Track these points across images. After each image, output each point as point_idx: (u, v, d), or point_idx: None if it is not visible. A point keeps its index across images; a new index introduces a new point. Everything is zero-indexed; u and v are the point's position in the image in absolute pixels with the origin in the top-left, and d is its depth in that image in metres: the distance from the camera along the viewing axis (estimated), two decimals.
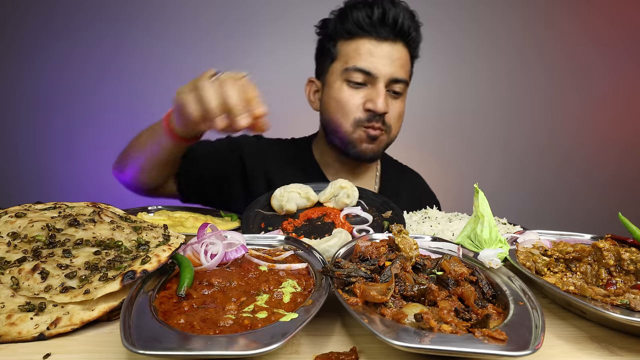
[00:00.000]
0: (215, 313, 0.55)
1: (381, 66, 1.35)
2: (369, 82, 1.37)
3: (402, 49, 1.40)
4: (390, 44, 1.37)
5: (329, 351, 0.54)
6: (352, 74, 1.36)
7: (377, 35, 1.35)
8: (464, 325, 0.53)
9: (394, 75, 1.37)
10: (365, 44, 1.36)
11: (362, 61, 1.35)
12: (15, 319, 0.56)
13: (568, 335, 0.62)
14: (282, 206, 1.15)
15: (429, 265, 0.72)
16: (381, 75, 1.35)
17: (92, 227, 0.74)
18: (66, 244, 0.69)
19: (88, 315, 0.58)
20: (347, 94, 1.38)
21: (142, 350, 0.44)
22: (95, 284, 0.61)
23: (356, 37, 1.37)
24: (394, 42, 1.37)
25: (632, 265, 0.72)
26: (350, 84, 1.38)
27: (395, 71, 1.37)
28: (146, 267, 0.63)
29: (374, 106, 1.35)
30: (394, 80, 1.37)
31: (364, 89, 1.38)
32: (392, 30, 1.35)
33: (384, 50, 1.36)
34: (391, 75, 1.36)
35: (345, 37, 1.39)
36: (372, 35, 1.35)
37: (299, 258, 0.75)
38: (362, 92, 1.38)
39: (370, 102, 1.36)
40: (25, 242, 0.69)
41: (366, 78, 1.36)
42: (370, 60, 1.35)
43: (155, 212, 1.21)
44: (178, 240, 0.75)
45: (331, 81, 1.43)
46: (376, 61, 1.35)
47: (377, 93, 1.35)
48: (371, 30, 1.35)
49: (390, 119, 1.42)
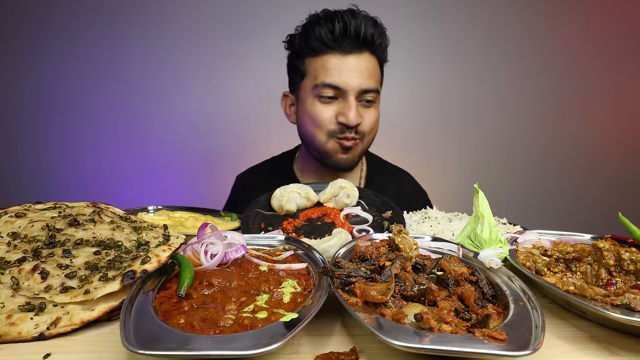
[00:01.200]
0: (215, 313, 0.55)
1: (349, 79, 1.36)
2: (340, 95, 1.38)
3: (370, 58, 1.40)
4: (356, 56, 1.37)
5: (329, 351, 0.54)
6: (322, 90, 1.37)
7: (342, 49, 1.36)
8: (464, 325, 0.53)
9: (363, 87, 1.37)
10: (331, 59, 1.36)
11: (329, 77, 1.36)
12: (15, 319, 0.56)
13: (568, 335, 0.62)
14: (282, 206, 1.15)
15: (429, 265, 0.72)
16: (350, 89, 1.36)
17: (92, 227, 0.73)
18: (66, 244, 0.69)
19: (88, 315, 0.58)
20: (320, 109, 1.40)
21: (142, 350, 0.44)
22: (95, 284, 0.61)
23: (321, 54, 1.38)
24: (360, 53, 1.38)
25: (632, 265, 0.72)
26: (322, 99, 1.39)
27: (363, 82, 1.37)
28: (146, 267, 0.63)
29: (345, 119, 1.36)
30: (364, 91, 1.38)
31: (336, 103, 1.39)
32: (356, 42, 1.36)
33: (350, 63, 1.36)
34: (360, 87, 1.37)
35: (311, 54, 1.40)
36: (337, 49, 1.36)
37: (299, 258, 0.75)
38: (334, 105, 1.39)
39: (342, 115, 1.37)
40: (25, 242, 0.69)
41: (336, 92, 1.37)
42: (338, 75, 1.36)
43: (155, 212, 1.21)
44: (178, 240, 0.75)
45: (304, 97, 1.45)
46: (344, 75, 1.36)
47: (348, 106, 1.37)
48: (335, 45, 1.36)
49: (364, 127, 1.43)
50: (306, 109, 1.43)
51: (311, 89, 1.40)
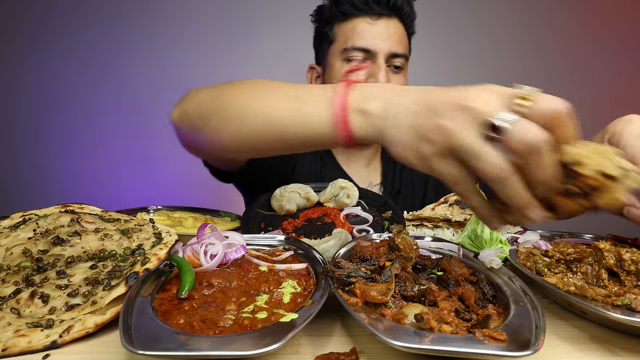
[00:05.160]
0: (215, 313, 0.55)
1: (379, 42, 1.38)
2: (369, 59, 1.40)
3: (398, 24, 1.43)
4: (386, 20, 1.40)
5: (329, 351, 0.54)
6: (352, 53, 1.39)
7: (372, 12, 1.39)
8: (465, 326, 0.53)
9: (393, 50, 1.40)
10: (361, 22, 1.39)
11: (360, 40, 1.39)
12: (24, 332, 0.53)
13: (568, 335, 0.62)
14: (282, 206, 1.15)
15: (429, 266, 0.72)
16: (380, 51, 1.38)
17: (78, 242, 0.68)
18: (57, 265, 0.65)
19: (101, 319, 0.57)
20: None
21: (141, 350, 0.44)
22: (100, 294, 0.60)
23: (351, 17, 1.41)
24: (389, 18, 1.41)
25: (633, 266, 0.72)
26: (351, 63, 1.41)
27: (393, 46, 1.40)
28: (148, 267, 0.63)
29: (375, 81, 1.37)
30: (393, 54, 1.40)
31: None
32: (386, 6, 1.39)
33: (380, 27, 1.39)
34: (390, 50, 1.39)
35: (341, 19, 1.43)
36: (367, 13, 1.39)
37: (299, 258, 0.75)
38: (363, 69, 1.41)
39: (372, 77, 1.39)
40: (12, 273, 0.64)
41: (366, 55, 1.39)
42: (368, 38, 1.38)
43: (155, 212, 1.21)
44: (172, 238, 0.74)
45: (332, 62, 1.47)
46: (374, 38, 1.38)
47: (377, 68, 1.39)
48: (366, 8, 1.38)
49: None
50: (334, 74, 1.45)
51: (340, 53, 1.43)
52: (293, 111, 0.73)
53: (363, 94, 0.66)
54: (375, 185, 1.63)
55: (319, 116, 0.70)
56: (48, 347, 0.52)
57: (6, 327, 0.54)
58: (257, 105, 0.77)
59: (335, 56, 1.45)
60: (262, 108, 0.76)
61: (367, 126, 0.64)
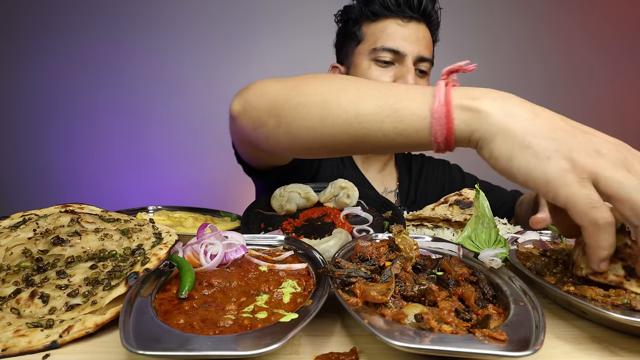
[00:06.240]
0: (215, 313, 0.55)
1: (408, 44, 1.40)
2: (397, 60, 1.42)
3: (425, 30, 1.46)
4: (416, 24, 1.43)
5: (329, 351, 0.54)
6: (380, 54, 1.41)
7: (403, 15, 1.41)
8: (465, 326, 0.53)
9: (421, 54, 1.42)
10: (392, 24, 1.41)
11: (390, 41, 1.40)
12: (24, 332, 0.53)
13: (568, 335, 0.62)
14: (282, 206, 1.15)
15: (429, 266, 0.72)
16: (409, 53, 1.40)
17: (78, 242, 0.68)
18: (57, 265, 0.65)
19: (101, 319, 0.57)
20: (377, 73, 1.43)
21: (141, 350, 0.44)
22: (100, 294, 0.60)
23: (382, 18, 1.42)
24: (419, 22, 1.43)
25: None
26: (379, 63, 1.42)
27: (421, 50, 1.42)
28: (148, 267, 0.63)
29: (404, 82, 1.38)
30: (421, 58, 1.42)
31: (392, 68, 1.43)
32: (417, 10, 1.41)
33: (410, 30, 1.41)
34: (418, 54, 1.41)
35: (370, 19, 1.44)
36: (398, 15, 1.41)
37: (299, 258, 0.75)
38: (390, 71, 1.43)
39: (401, 79, 1.40)
40: (12, 273, 0.64)
41: (394, 57, 1.41)
42: (397, 40, 1.40)
43: (155, 212, 1.21)
44: (172, 238, 0.74)
45: (358, 62, 1.47)
46: (404, 40, 1.40)
47: (406, 70, 1.40)
48: (397, 10, 1.40)
49: None
50: (360, 74, 1.46)
51: (368, 53, 1.44)
52: (384, 105, 0.66)
53: (468, 92, 0.63)
54: (390, 192, 1.64)
55: (417, 109, 0.65)
56: (48, 347, 0.52)
57: (6, 327, 0.54)
58: (343, 97, 0.70)
59: (363, 56, 1.45)
60: (350, 102, 0.69)
61: (473, 123, 0.62)
